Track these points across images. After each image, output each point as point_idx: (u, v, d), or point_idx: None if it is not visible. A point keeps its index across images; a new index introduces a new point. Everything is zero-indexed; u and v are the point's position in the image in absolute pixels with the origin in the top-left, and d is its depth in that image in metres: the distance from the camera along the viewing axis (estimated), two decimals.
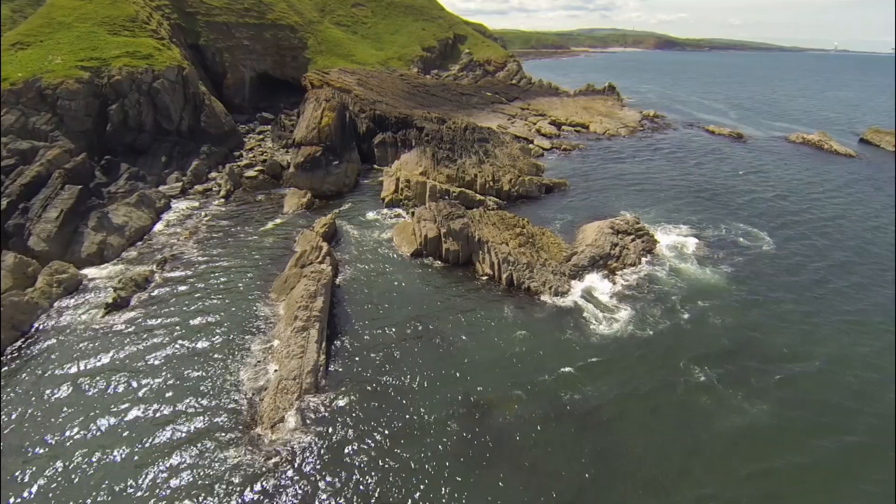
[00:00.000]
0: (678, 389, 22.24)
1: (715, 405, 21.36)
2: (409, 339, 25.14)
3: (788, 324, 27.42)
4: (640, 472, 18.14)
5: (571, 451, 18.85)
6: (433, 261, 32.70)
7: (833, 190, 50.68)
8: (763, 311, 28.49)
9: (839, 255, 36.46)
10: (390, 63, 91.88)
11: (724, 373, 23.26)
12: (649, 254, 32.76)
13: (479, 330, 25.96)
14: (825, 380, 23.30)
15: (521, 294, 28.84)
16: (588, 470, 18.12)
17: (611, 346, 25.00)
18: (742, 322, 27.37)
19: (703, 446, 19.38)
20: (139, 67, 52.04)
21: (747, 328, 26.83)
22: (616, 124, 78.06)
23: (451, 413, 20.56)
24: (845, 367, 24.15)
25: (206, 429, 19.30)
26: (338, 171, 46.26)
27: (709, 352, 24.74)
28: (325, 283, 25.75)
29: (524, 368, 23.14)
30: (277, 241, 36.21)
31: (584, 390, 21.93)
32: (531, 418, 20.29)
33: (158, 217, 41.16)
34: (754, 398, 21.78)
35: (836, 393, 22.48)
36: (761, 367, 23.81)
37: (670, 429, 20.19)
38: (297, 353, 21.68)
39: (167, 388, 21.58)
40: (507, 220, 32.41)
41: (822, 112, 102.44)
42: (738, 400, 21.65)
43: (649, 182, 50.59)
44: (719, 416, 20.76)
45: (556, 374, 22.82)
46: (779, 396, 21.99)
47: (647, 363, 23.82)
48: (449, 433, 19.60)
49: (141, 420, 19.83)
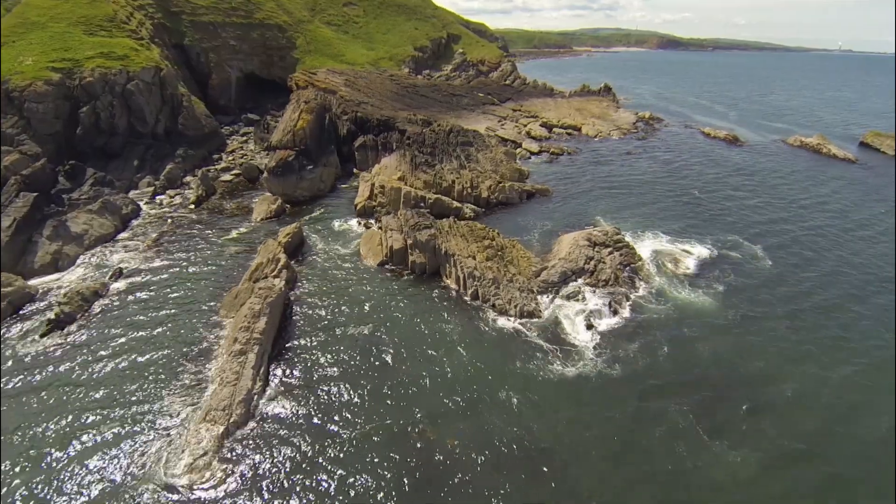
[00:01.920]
0: (647, 429, 20.11)
1: (688, 450, 19.15)
2: (360, 360, 23.60)
3: (773, 347, 25.47)
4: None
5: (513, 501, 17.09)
6: (400, 273, 31.13)
7: (829, 197, 48.63)
8: (747, 334, 26.46)
9: (832, 267, 34.59)
10: (381, 63, 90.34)
11: (699, 407, 21.20)
12: (628, 268, 30.90)
13: (436, 351, 24.38)
14: (806, 409, 21.54)
15: (485, 312, 27.15)
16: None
17: (572, 375, 22.99)
18: (723, 347, 25.33)
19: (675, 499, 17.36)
20: (113, 68, 50.71)
21: (728, 354, 24.83)
22: (609, 126, 76.22)
23: (390, 444, 19.03)
24: (828, 390, 22.42)
25: (120, 466, 17.82)
26: (312, 176, 44.77)
27: (684, 382, 22.77)
28: (273, 301, 24.24)
29: (476, 396, 21.48)
30: (240, 251, 34.76)
31: (536, 427, 19.97)
32: (473, 456, 18.62)
33: (124, 224, 39.77)
34: (733, 442, 19.50)
35: (816, 421, 20.76)
36: (741, 402, 21.60)
37: (634, 480, 17.93)
38: (231, 380, 20.19)
39: (88, 413, 20.18)
40: (477, 231, 30.76)
41: (821, 113, 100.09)
42: (716, 445, 19.43)
43: (636, 188, 48.80)
44: (693, 464, 18.57)
45: (509, 405, 21.05)
46: (758, 437, 19.91)
47: (612, 396, 21.78)
48: (386, 469, 18.05)
49: (50, 456, 18.31)
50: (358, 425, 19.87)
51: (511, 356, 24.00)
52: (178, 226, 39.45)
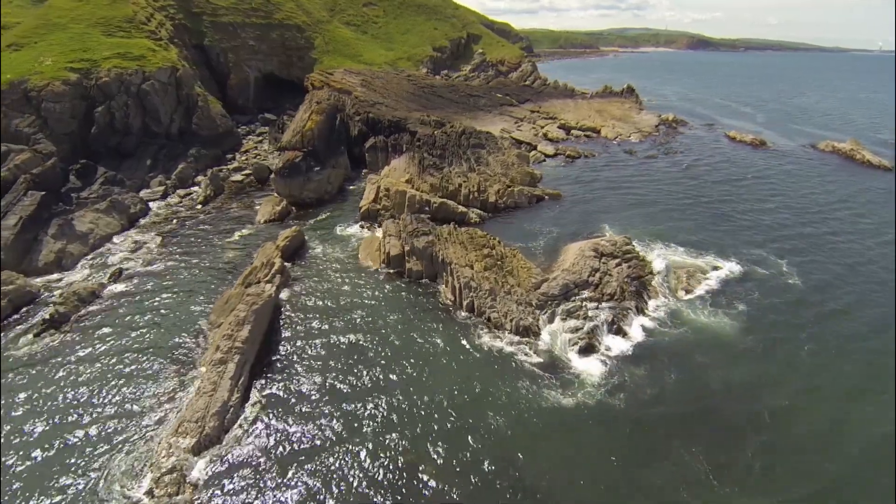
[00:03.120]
0: (648, 468, 18.34)
1: (692, 494, 17.31)
2: (346, 374, 22.73)
3: (793, 379, 23.15)
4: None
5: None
6: (397, 281, 30.21)
7: (863, 209, 45.09)
8: (764, 363, 24.19)
9: (865, 288, 31.51)
10: (399, 63, 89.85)
11: (708, 446, 19.23)
12: (636, 282, 29.13)
13: (425, 368, 23.20)
14: (825, 453, 19.49)
15: (481, 325, 25.90)
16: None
17: (568, 403, 21.29)
18: (738, 377, 23.11)
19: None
20: (129, 69, 51.35)
21: (743, 385, 22.61)
22: (629, 129, 73.87)
23: (367, 466, 18.11)
24: (852, 432, 20.32)
25: (83, 477, 17.35)
26: (319, 178, 44.30)
27: (692, 416, 20.80)
28: (259, 308, 23.63)
29: (462, 420, 20.18)
30: (241, 253, 34.45)
31: (524, 459, 18.39)
32: (453, 484, 17.45)
33: (131, 223, 40.03)
34: (743, 487, 17.60)
35: (835, 465, 18.81)
36: (754, 441, 19.58)
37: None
38: (208, 391, 19.60)
39: (60, 418, 19.90)
40: (477, 238, 29.60)
41: (855, 117, 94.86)
42: (724, 489, 17.56)
43: (653, 195, 46.72)
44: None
45: (496, 432, 19.64)
46: (770, 482, 18.03)
47: (611, 428, 19.98)
48: (359, 492, 17.13)
49: (10, 460, 17.97)
50: (335, 445, 19.00)
51: (503, 378, 22.61)
52: (183, 226, 39.49)
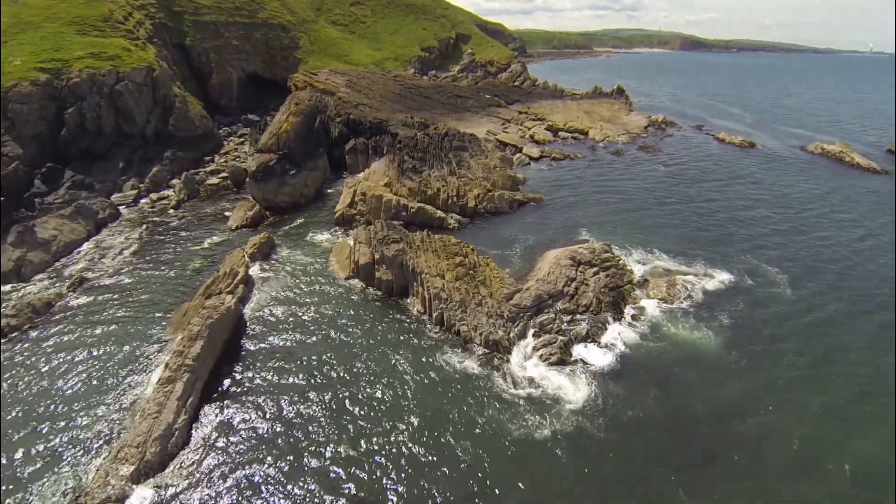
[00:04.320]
0: (621, 499, 17.19)
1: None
2: (307, 394, 21.57)
3: (777, 399, 21.92)
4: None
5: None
6: (367, 290, 29.11)
7: (852, 213, 43.97)
8: (747, 381, 22.90)
9: (855, 298, 30.21)
10: (386, 64, 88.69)
11: (686, 471, 18.09)
12: (614, 292, 28.14)
13: (388, 390, 21.85)
14: (810, 479, 18.50)
15: (450, 340, 24.76)
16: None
17: (535, 426, 19.96)
18: (720, 396, 21.87)
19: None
20: (102, 69, 49.96)
21: (724, 405, 21.36)
22: (618, 130, 73.05)
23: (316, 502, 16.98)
24: (839, 458, 19.19)
25: None
26: (295, 182, 43.13)
27: (670, 439, 19.60)
28: (215, 322, 22.49)
29: (423, 451, 18.82)
30: (207, 261, 33.26)
31: (495, 495, 17.13)
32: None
33: (98, 229, 38.75)
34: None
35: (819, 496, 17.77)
36: (734, 466, 18.49)
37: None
38: (152, 413, 18.45)
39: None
40: (450, 246, 28.52)
41: (845, 118, 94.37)
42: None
43: (638, 198, 45.79)
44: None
45: (461, 462, 18.33)
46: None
47: (582, 453, 18.62)
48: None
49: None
50: (287, 476, 17.83)
51: (470, 400, 21.31)
52: (152, 232, 38.27)
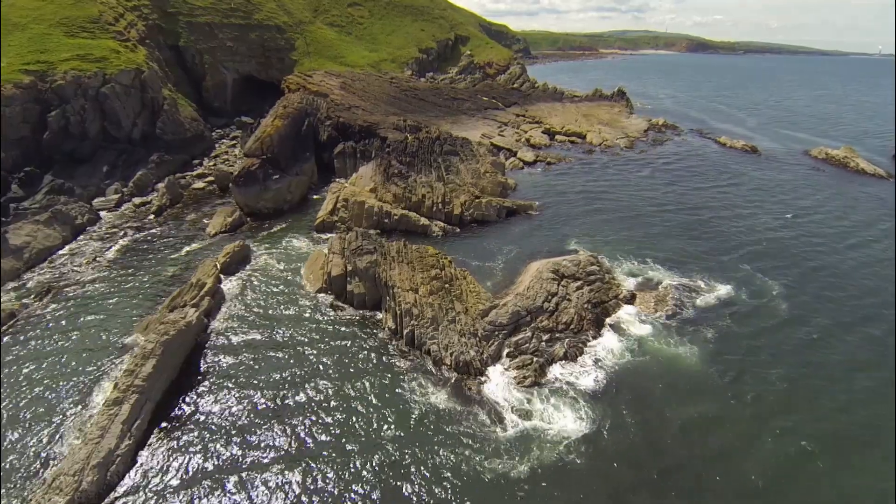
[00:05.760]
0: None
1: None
2: (262, 422, 20.16)
3: (755, 423, 20.70)
4: None
5: None
6: (338, 304, 27.97)
7: (854, 222, 42.37)
8: (727, 402, 21.68)
9: (850, 314, 28.70)
10: (383, 65, 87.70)
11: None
12: (598, 308, 26.83)
13: (351, 420, 20.36)
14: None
15: (420, 362, 23.48)
16: None
17: (511, 460, 18.47)
18: (697, 418, 20.71)
19: None
20: (88, 71, 49.30)
21: (700, 429, 20.19)
22: (616, 134, 71.61)
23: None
24: (813, 487, 18.10)
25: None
26: (278, 187, 42.17)
27: (643, 468, 18.48)
28: (172, 339, 21.49)
29: (383, 489, 17.61)
30: (181, 270, 32.31)
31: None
32: None
33: (75, 235, 37.98)
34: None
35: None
36: (707, 495, 17.40)
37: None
38: (95, 437, 17.45)
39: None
40: (427, 258, 27.35)
41: (850, 121, 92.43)
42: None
43: (632, 206, 44.40)
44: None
45: (423, 497, 17.29)
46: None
47: (563, 495, 17.43)
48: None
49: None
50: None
51: (439, 432, 19.87)
52: (130, 238, 37.42)
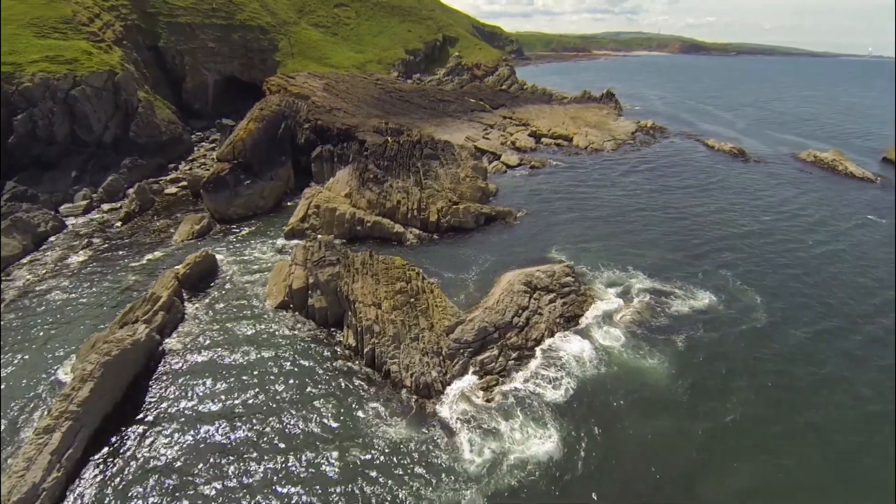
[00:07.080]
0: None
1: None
2: (208, 449, 18.88)
3: (717, 442, 19.88)
4: None
5: None
6: (299, 319, 26.73)
7: (842, 228, 41.57)
8: (690, 418, 20.83)
9: (831, 328, 27.81)
10: (368, 67, 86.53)
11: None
12: (572, 321, 25.78)
13: (301, 455, 19.01)
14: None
15: (378, 381, 22.30)
16: None
17: (470, 496, 17.54)
18: (659, 434, 19.88)
19: None
20: (57, 73, 47.89)
21: (662, 447, 19.36)
22: (603, 137, 70.74)
23: None
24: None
25: None
26: (249, 192, 40.98)
27: (602, 490, 17.62)
28: (114, 360, 20.28)
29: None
30: (142, 281, 31.04)
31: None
32: None
33: (38, 244, 36.64)
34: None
35: None
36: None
37: None
38: (20, 470, 16.24)
39: None
40: (392, 270, 26.24)
41: (838, 123, 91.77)
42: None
43: (618, 212, 43.33)
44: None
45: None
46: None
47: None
48: None
49: None
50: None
51: (393, 463, 18.59)
52: (93, 247, 36.11)
